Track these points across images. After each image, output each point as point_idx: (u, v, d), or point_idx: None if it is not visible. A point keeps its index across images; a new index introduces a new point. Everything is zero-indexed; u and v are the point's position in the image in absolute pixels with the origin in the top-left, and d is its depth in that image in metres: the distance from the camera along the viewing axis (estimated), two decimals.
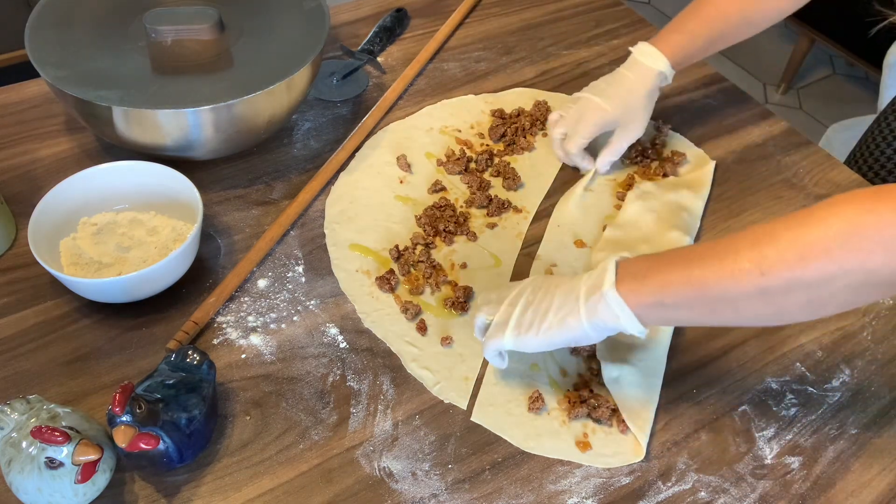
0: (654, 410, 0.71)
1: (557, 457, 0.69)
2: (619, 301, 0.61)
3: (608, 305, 0.62)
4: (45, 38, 0.85)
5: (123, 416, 0.59)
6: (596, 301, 0.63)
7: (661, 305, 0.61)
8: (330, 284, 0.81)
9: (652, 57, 0.90)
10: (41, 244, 0.74)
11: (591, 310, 0.63)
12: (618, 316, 0.62)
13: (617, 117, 0.91)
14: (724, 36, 0.90)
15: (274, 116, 0.87)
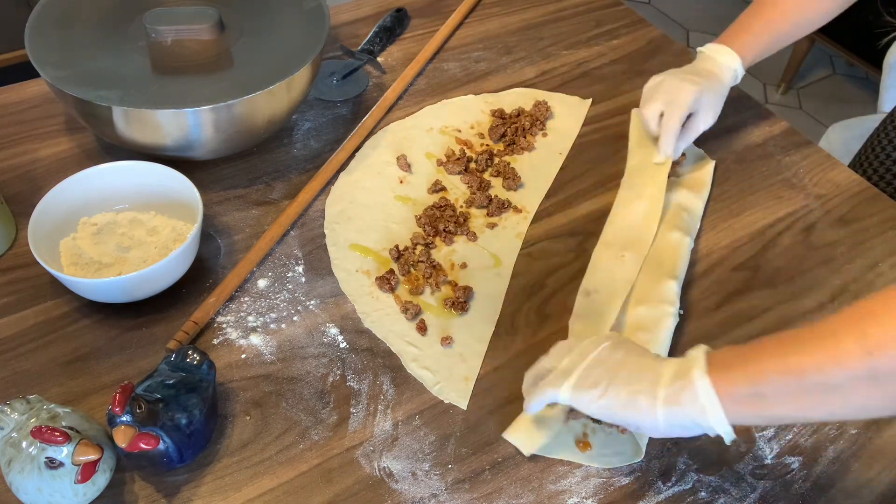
0: None
1: (557, 457, 0.69)
2: (710, 391, 0.55)
3: (695, 395, 0.55)
4: (45, 38, 0.85)
5: (123, 416, 0.59)
6: (681, 388, 0.56)
7: (757, 397, 0.54)
8: (330, 284, 0.81)
9: (724, 55, 0.92)
10: (41, 244, 0.74)
11: (673, 397, 0.56)
12: (704, 409, 0.55)
13: (701, 99, 0.90)
14: (785, 36, 0.93)
15: (274, 116, 0.87)
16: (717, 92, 0.92)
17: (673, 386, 0.57)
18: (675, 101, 0.89)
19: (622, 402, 0.59)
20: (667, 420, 0.57)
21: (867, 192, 0.95)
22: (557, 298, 0.81)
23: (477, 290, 0.81)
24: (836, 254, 0.87)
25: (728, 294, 0.83)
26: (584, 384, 0.60)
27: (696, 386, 0.56)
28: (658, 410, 0.57)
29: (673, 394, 0.57)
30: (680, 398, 0.56)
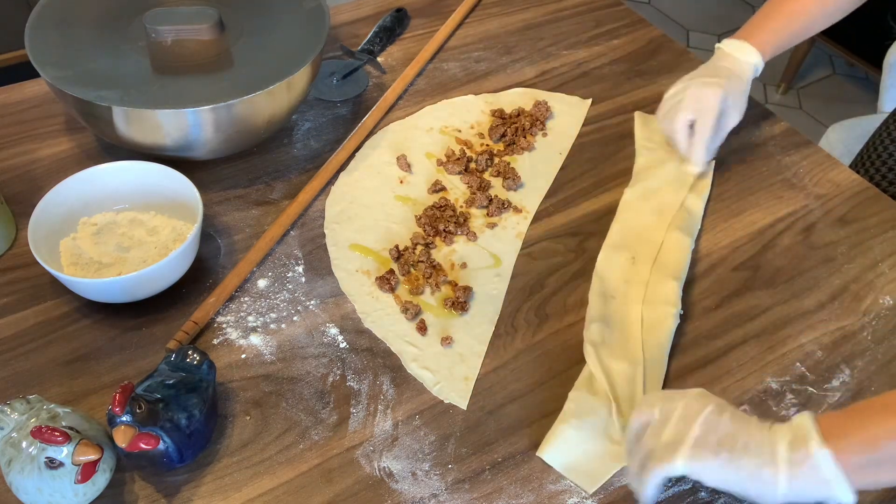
0: None
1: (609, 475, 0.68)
2: (832, 464, 0.54)
3: (817, 468, 0.54)
4: (45, 38, 0.85)
5: (123, 416, 0.59)
6: (801, 461, 0.55)
7: (874, 464, 0.54)
8: (330, 284, 0.81)
9: (743, 51, 0.92)
10: (41, 244, 0.74)
11: (795, 471, 0.55)
12: (829, 482, 0.54)
13: (728, 98, 0.90)
14: (804, 29, 0.94)
15: (274, 116, 0.87)
16: (740, 90, 0.92)
17: (793, 459, 0.55)
18: (706, 108, 0.89)
19: (745, 475, 0.56)
20: (789, 493, 0.56)
21: (867, 192, 0.95)
22: (557, 298, 0.81)
23: (477, 290, 0.81)
24: (836, 254, 0.87)
25: (728, 294, 0.83)
26: (702, 455, 0.57)
27: (816, 459, 0.55)
28: (780, 485, 0.55)
29: (795, 467, 0.55)
30: (802, 472, 0.55)
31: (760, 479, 0.56)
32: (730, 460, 0.57)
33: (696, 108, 0.89)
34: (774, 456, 0.56)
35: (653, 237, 0.85)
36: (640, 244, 0.85)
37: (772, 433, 0.58)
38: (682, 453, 0.57)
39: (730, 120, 0.92)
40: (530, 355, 0.76)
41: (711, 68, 0.93)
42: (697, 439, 0.58)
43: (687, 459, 0.57)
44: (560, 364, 0.75)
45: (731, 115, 0.91)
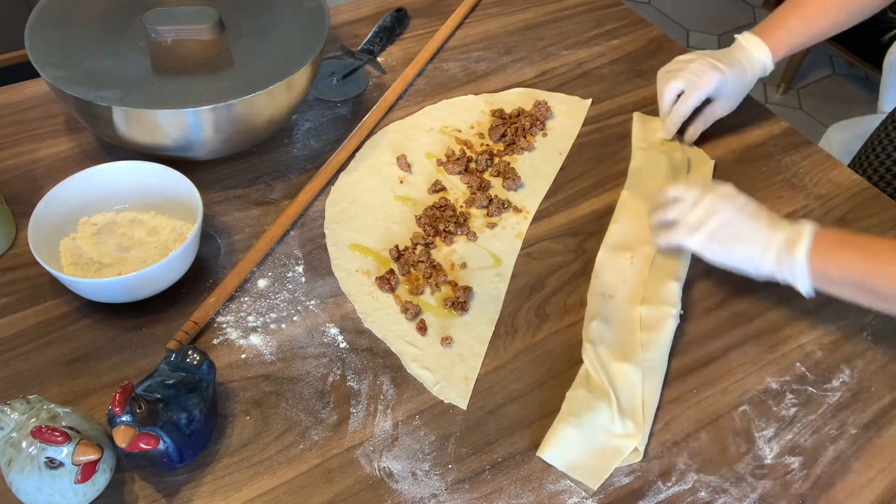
0: (653, 411, 0.71)
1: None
2: (806, 272, 0.70)
3: (793, 269, 0.71)
4: (45, 38, 0.85)
5: (123, 416, 0.59)
6: (784, 258, 0.71)
7: (839, 284, 0.70)
8: (330, 284, 0.81)
9: (756, 48, 0.93)
10: (41, 244, 0.74)
11: (776, 264, 0.72)
12: (795, 278, 0.71)
13: (724, 87, 0.92)
14: (822, 31, 0.94)
15: (274, 116, 0.87)
16: (740, 83, 0.94)
17: (780, 255, 0.72)
18: (698, 83, 0.92)
19: (738, 259, 0.74)
20: (767, 276, 0.73)
21: (867, 192, 0.95)
22: (557, 298, 0.81)
23: (477, 290, 0.81)
24: None
25: (728, 294, 0.83)
26: (712, 243, 0.74)
27: (795, 263, 0.71)
28: (763, 270, 0.73)
29: (776, 261, 0.72)
30: (781, 267, 0.72)
31: (751, 264, 0.74)
32: (732, 250, 0.74)
33: (690, 81, 0.92)
34: (767, 251, 0.72)
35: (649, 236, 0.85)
36: (638, 244, 0.85)
37: (774, 231, 0.73)
38: (697, 238, 0.74)
39: (719, 108, 0.94)
40: (530, 355, 0.76)
41: (724, 54, 0.94)
42: (713, 231, 0.74)
43: (700, 244, 0.74)
44: (560, 364, 0.75)
45: (722, 105, 0.94)
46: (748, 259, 0.73)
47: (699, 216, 0.75)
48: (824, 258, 0.70)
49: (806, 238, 0.71)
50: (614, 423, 0.69)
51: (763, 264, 0.73)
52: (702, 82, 0.91)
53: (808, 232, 0.72)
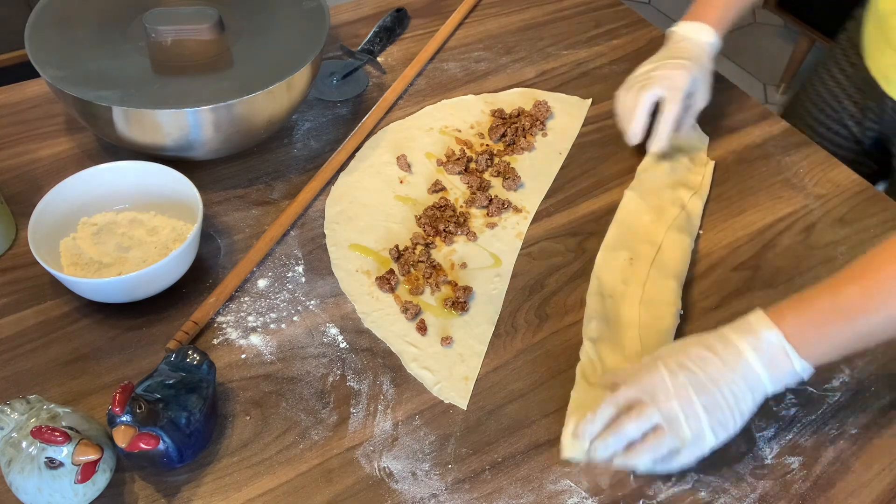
0: None
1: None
2: (803, 366, 0.63)
3: (785, 373, 0.63)
4: (45, 38, 0.85)
5: (123, 416, 0.59)
6: (774, 371, 0.63)
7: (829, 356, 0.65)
8: (330, 284, 0.81)
9: (701, 32, 0.93)
10: (41, 244, 0.74)
11: (770, 382, 0.64)
12: (797, 374, 0.64)
13: (696, 80, 0.92)
14: (750, 2, 0.96)
15: (274, 116, 0.87)
16: (705, 70, 0.93)
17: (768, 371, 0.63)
18: (675, 86, 0.90)
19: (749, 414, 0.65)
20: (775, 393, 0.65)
21: (867, 192, 0.95)
22: (557, 298, 0.81)
23: (477, 290, 0.81)
24: (836, 254, 0.87)
25: (728, 294, 0.83)
26: (725, 433, 0.64)
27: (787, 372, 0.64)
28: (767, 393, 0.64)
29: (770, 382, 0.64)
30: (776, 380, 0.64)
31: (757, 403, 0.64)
32: (738, 420, 0.64)
33: (666, 87, 0.90)
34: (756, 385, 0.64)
35: (652, 237, 0.85)
36: (638, 244, 0.85)
37: (742, 367, 0.64)
38: (709, 445, 0.63)
39: (699, 101, 0.93)
40: (530, 355, 0.76)
41: (673, 52, 0.94)
42: (713, 427, 0.63)
43: (712, 446, 0.64)
44: (560, 364, 0.75)
45: (700, 97, 0.93)
46: (752, 404, 0.64)
47: (695, 426, 0.63)
48: (806, 346, 0.63)
49: (776, 344, 0.63)
50: None
51: (762, 389, 0.64)
52: (679, 83, 0.90)
53: (771, 336, 0.64)
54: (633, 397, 0.64)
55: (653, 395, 0.63)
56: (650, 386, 0.64)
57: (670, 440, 0.63)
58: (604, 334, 0.76)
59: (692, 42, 0.93)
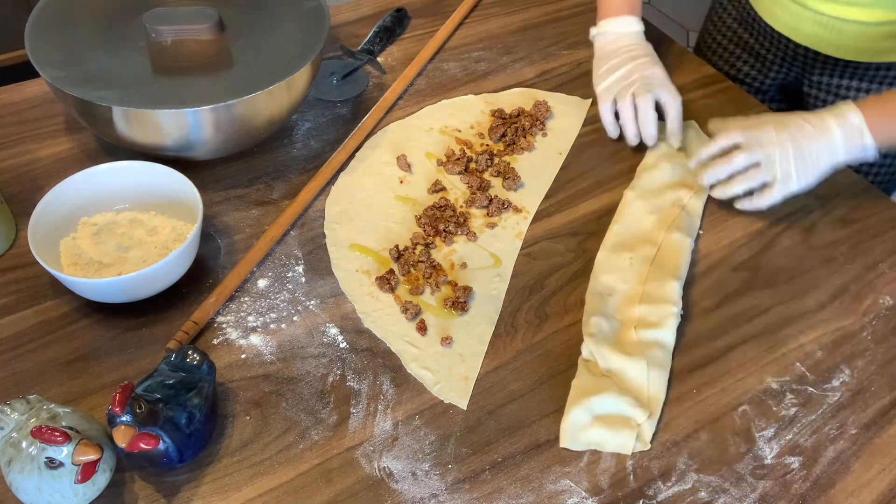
0: (660, 406, 0.71)
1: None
2: (873, 146, 0.82)
3: (864, 150, 0.83)
4: (45, 38, 0.85)
5: (123, 416, 0.59)
6: (853, 148, 0.83)
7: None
8: (330, 284, 0.81)
9: (628, 25, 0.97)
10: (41, 244, 0.74)
11: (847, 154, 0.83)
12: (866, 151, 0.83)
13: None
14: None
15: (274, 116, 0.87)
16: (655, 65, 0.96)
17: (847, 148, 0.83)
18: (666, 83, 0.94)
19: (820, 174, 0.84)
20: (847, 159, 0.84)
21: (867, 192, 0.95)
22: (557, 298, 0.81)
23: (477, 290, 0.81)
24: (836, 254, 0.87)
25: (728, 294, 0.83)
26: (801, 182, 0.84)
27: (866, 148, 0.82)
28: (839, 161, 0.84)
29: (846, 153, 0.83)
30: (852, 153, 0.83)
31: (829, 165, 0.84)
32: (815, 171, 0.84)
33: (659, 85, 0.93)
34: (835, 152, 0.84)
35: (652, 238, 0.85)
36: (638, 245, 0.85)
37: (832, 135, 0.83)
38: (792, 187, 0.84)
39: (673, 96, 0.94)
40: (530, 355, 0.76)
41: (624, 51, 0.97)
42: (800, 172, 0.83)
43: (797, 188, 0.84)
44: (560, 364, 0.75)
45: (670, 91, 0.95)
46: (828, 165, 0.83)
47: (785, 169, 0.82)
48: (879, 130, 0.81)
49: (857, 125, 0.82)
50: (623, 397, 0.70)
51: (837, 158, 0.83)
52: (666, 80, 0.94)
53: (855, 118, 0.82)
54: (743, 141, 0.84)
55: (759, 140, 0.83)
56: (758, 134, 0.83)
57: (764, 174, 0.83)
58: (605, 331, 0.76)
59: (630, 36, 0.97)
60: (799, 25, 1.01)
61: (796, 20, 1.00)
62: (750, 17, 1.09)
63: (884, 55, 0.97)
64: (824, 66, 1.03)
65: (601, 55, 0.98)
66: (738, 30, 1.13)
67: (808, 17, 0.98)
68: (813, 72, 1.05)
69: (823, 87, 1.05)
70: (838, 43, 0.99)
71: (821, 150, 0.83)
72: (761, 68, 1.12)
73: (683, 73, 1.09)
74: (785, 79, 1.11)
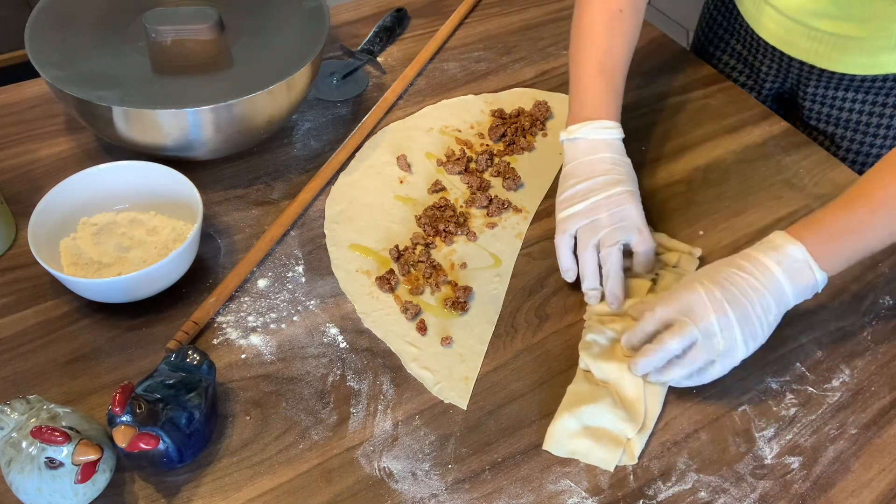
0: (654, 420, 0.71)
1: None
2: (823, 277, 0.69)
3: (807, 286, 0.69)
4: (45, 38, 0.85)
5: (123, 416, 0.59)
6: (798, 284, 0.69)
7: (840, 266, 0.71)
8: (330, 284, 0.81)
9: (597, 129, 0.82)
10: (41, 244, 0.74)
11: (792, 296, 0.70)
12: (817, 285, 0.70)
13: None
14: (623, 76, 0.87)
15: (274, 116, 0.87)
16: (634, 175, 0.82)
17: (791, 284, 0.69)
18: (637, 224, 0.79)
19: (769, 328, 0.70)
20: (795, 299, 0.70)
21: None
22: (557, 298, 0.81)
23: (477, 290, 0.81)
24: None
25: None
26: (755, 344, 0.70)
27: (811, 283, 0.69)
28: (790, 301, 0.70)
29: (792, 294, 0.70)
30: (797, 292, 0.70)
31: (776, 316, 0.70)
32: (766, 332, 0.70)
33: (629, 230, 0.78)
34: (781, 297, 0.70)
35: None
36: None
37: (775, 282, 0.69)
38: (740, 356, 0.69)
39: (644, 239, 0.79)
40: (530, 355, 0.76)
41: (598, 168, 0.80)
42: (746, 338, 0.68)
43: (743, 357, 0.69)
44: (560, 364, 0.75)
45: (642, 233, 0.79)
46: (778, 317, 0.70)
47: (730, 338, 0.68)
48: (823, 261, 0.69)
49: (801, 260, 0.69)
50: (616, 411, 0.69)
51: (786, 302, 0.70)
52: (637, 219, 0.79)
53: (796, 252, 0.69)
54: (672, 316, 0.69)
55: (691, 312, 0.68)
56: (689, 303, 0.69)
57: (706, 353, 0.68)
58: (601, 346, 0.75)
59: (608, 147, 0.81)
60: (793, 40, 0.98)
61: (790, 34, 0.98)
62: (742, 28, 1.07)
63: (880, 68, 0.95)
64: (819, 79, 1.00)
65: (571, 169, 0.81)
66: (731, 40, 1.11)
67: (802, 32, 0.96)
68: (808, 83, 1.02)
69: (818, 99, 1.02)
70: (833, 57, 0.96)
71: (768, 303, 0.69)
72: (756, 79, 1.10)
73: (683, 73, 1.09)
74: (780, 88, 1.08)
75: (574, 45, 0.89)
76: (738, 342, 0.68)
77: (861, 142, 1.02)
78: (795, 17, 0.95)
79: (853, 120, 1.01)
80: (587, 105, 0.84)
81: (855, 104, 0.99)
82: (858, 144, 1.02)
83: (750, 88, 1.12)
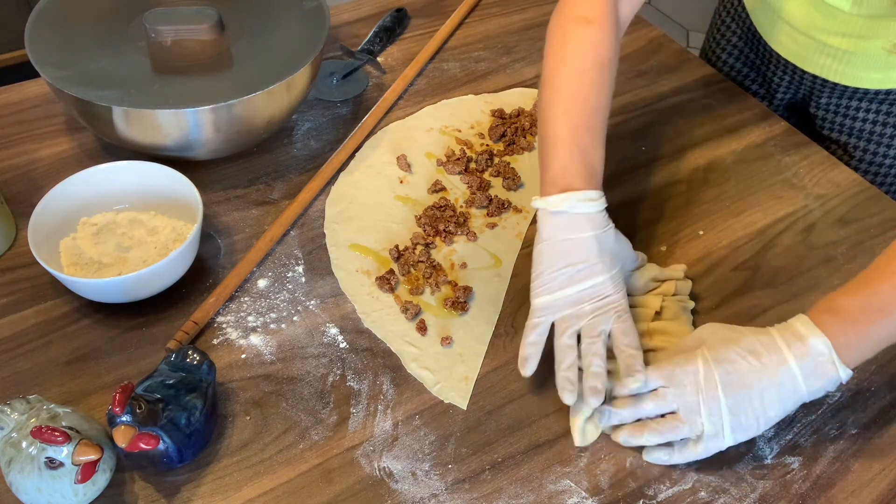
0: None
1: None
2: (846, 373, 0.64)
3: (828, 380, 0.64)
4: (45, 38, 0.85)
5: (123, 416, 0.59)
6: (818, 380, 0.64)
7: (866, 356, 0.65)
8: (330, 284, 0.81)
9: (580, 202, 0.72)
10: (41, 244, 0.74)
11: (809, 391, 0.64)
12: (839, 379, 0.64)
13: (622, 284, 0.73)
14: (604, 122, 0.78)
15: (274, 116, 0.87)
16: (616, 250, 0.74)
17: (809, 380, 0.63)
18: (619, 308, 0.70)
19: (774, 418, 0.65)
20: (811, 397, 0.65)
21: (867, 192, 0.95)
22: None
23: (477, 290, 0.81)
24: (836, 254, 0.87)
25: (728, 294, 0.83)
26: (746, 434, 0.65)
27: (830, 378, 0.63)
28: (803, 400, 0.65)
29: (808, 389, 0.64)
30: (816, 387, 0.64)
31: (785, 409, 0.65)
32: (765, 423, 0.65)
33: (611, 314, 0.70)
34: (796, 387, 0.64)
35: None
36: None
37: (785, 366, 0.64)
38: (727, 441, 0.65)
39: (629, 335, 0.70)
40: None
41: (571, 246, 0.71)
42: (735, 424, 0.64)
43: (731, 442, 0.65)
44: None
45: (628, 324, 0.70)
46: (781, 413, 0.65)
47: (715, 423, 0.64)
48: (847, 350, 0.63)
49: (824, 354, 0.63)
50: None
51: (798, 398, 0.64)
52: (620, 304, 0.71)
53: (820, 345, 0.63)
54: (662, 384, 0.66)
55: (682, 383, 0.65)
56: (681, 374, 0.65)
57: (686, 430, 0.65)
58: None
59: (589, 221, 0.71)
60: (806, 55, 0.98)
61: (803, 49, 0.98)
62: (755, 38, 1.07)
63: (894, 83, 0.94)
64: (833, 91, 1.00)
65: (549, 248, 0.72)
66: (745, 49, 1.11)
67: (815, 48, 0.96)
68: (822, 94, 1.02)
69: (832, 109, 1.01)
70: (847, 73, 0.96)
71: (768, 396, 0.63)
72: (769, 88, 1.10)
73: (683, 73, 1.09)
74: (793, 98, 1.08)
75: (553, 95, 0.76)
76: (724, 430, 0.64)
77: (874, 152, 1.01)
78: (808, 33, 0.95)
79: (867, 130, 1.00)
80: (570, 171, 0.73)
81: (868, 114, 0.98)
82: (872, 154, 1.01)
83: (762, 97, 1.12)
